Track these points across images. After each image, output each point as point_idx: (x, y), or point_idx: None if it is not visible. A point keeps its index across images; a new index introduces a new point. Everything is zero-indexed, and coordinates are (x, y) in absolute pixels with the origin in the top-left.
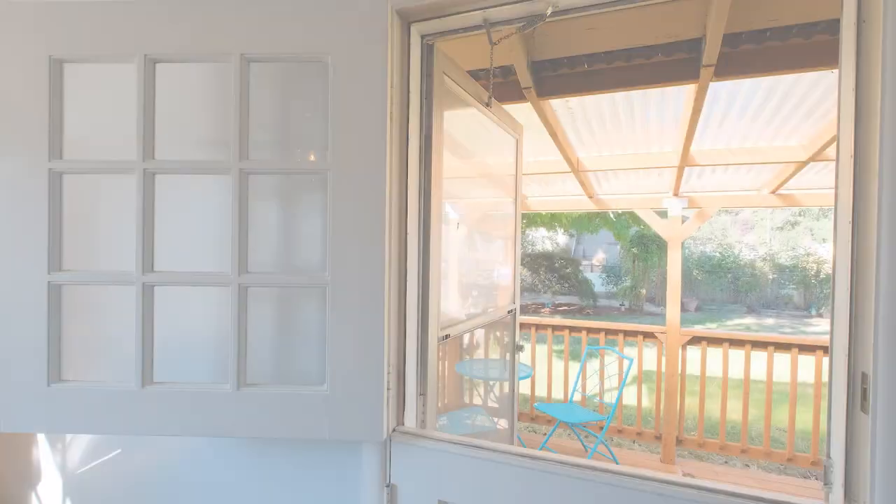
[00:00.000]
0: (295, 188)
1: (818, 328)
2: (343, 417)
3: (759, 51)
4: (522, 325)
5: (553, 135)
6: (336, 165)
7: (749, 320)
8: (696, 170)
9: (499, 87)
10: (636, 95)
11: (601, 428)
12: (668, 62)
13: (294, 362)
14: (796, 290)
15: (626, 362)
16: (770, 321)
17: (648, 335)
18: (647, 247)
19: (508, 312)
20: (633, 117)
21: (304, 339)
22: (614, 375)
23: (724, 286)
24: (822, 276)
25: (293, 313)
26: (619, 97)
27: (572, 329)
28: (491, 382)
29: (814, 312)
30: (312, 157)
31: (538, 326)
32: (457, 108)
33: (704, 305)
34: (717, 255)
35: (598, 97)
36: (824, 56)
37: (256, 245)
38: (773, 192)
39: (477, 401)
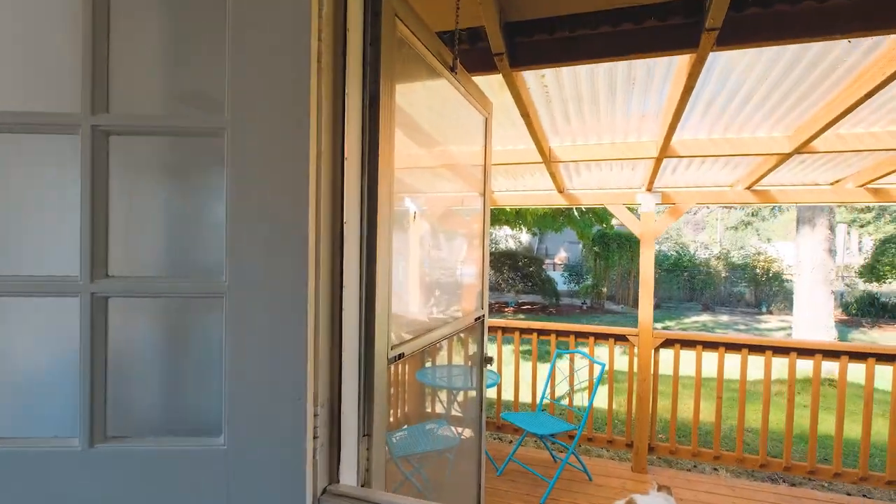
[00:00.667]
0: (185, 159)
1: (769, 325)
2: (248, 482)
3: (768, 15)
4: (489, 329)
5: (525, 116)
6: (236, 123)
7: (705, 317)
8: (670, 164)
9: (465, 55)
10: (620, 73)
11: (571, 437)
12: (662, 27)
13: (182, 404)
14: (748, 287)
15: (597, 367)
16: (724, 318)
17: (620, 338)
18: (608, 245)
19: (476, 320)
20: (614, 100)
21: (198, 369)
22: (585, 381)
23: (680, 284)
24: (770, 274)
25: (184, 334)
26: (600, 76)
27: (541, 332)
28: (455, 391)
29: (764, 310)
30: (207, 116)
31: (504, 329)
32: (413, 68)
33: (662, 303)
34: (674, 253)
35: (578, 76)
36: (837, 22)
37: (125, 237)
38: (749, 188)
39: (440, 409)
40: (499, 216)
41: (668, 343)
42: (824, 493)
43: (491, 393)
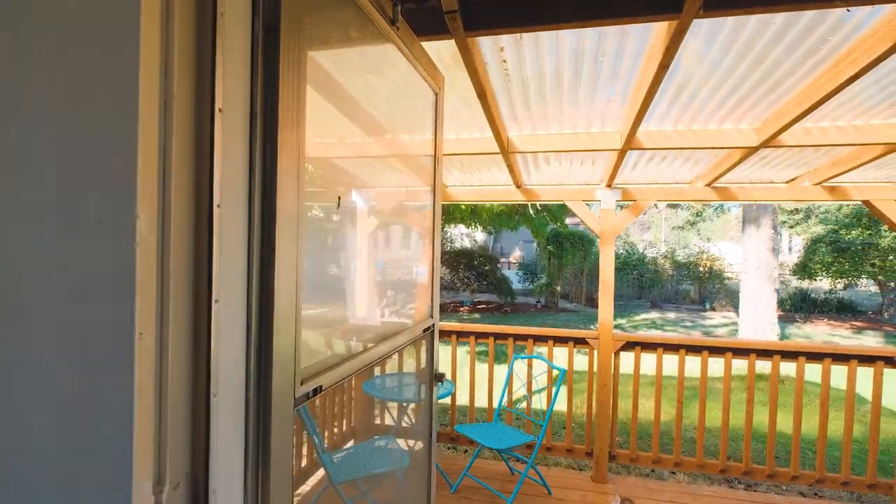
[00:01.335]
0: None
1: (713, 321)
2: None
3: None
4: (442, 333)
5: (482, 96)
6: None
7: (654, 315)
8: (630, 160)
9: (412, 16)
10: (587, 47)
11: (530, 448)
12: None
13: None
14: (692, 285)
15: (556, 373)
16: (672, 315)
17: (579, 341)
18: (562, 244)
19: (425, 331)
20: (579, 80)
21: None
22: (543, 387)
23: (630, 282)
24: (713, 272)
25: None
26: (566, 50)
27: (498, 336)
28: (405, 405)
29: (708, 307)
30: None
31: (460, 334)
32: (339, 12)
33: (613, 301)
34: (624, 252)
35: (541, 49)
36: None
37: None
38: (709, 185)
39: (390, 422)
40: (453, 213)
41: (628, 346)
42: (783, 496)
43: (447, 400)
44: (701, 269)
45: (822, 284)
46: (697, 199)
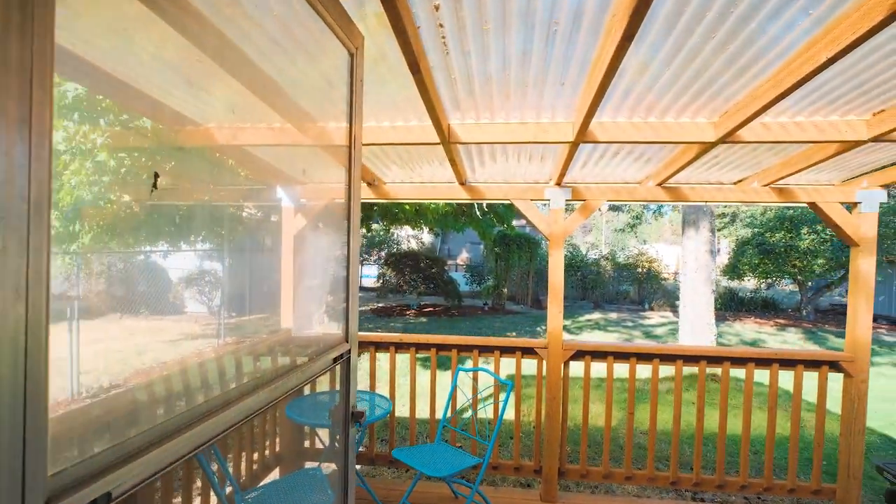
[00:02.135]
0: None
1: (652, 321)
2: None
3: None
4: (379, 346)
5: (415, 68)
6: None
7: (597, 315)
8: (580, 157)
9: None
10: (539, 11)
11: (477, 468)
12: None
13: None
14: (632, 286)
15: (503, 393)
16: (613, 315)
17: (528, 351)
18: (509, 246)
19: (336, 360)
20: (529, 56)
21: None
22: (490, 401)
23: (574, 283)
24: (651, 273)
25: None
26: (513, 13)
27: (440, 347)
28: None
29: (647, 307)
30: None
31: (398, 345)
32: None
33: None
34: (568, 254)
35: (484, 10)
36: None
37: None
38: (660, 185)
39: (319, 445)
40: (398, 214)
41: (578, 355)
42: None
43: (397, 411)
44: (640, 270)
45: (748, 284)
46: (648, 199)
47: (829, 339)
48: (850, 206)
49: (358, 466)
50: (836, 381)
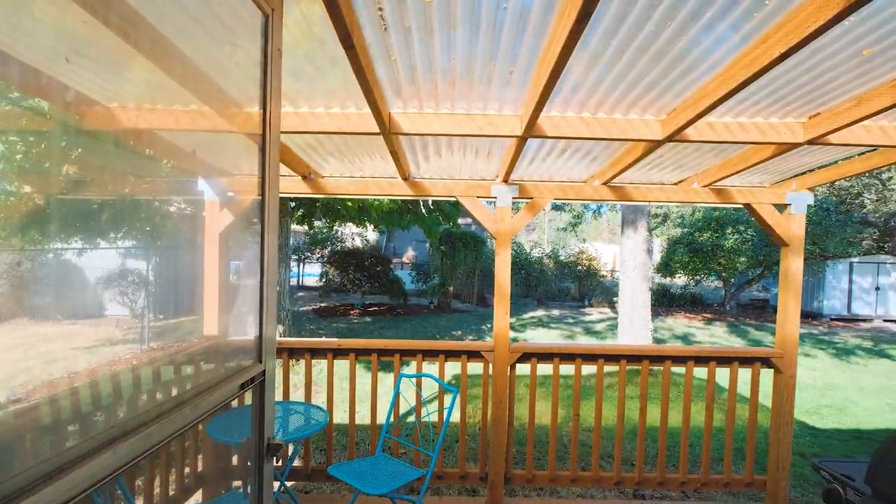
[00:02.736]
0: None
1: (592, 317)
2: None
3: None
4: (316, 352)
5: (348, 45)
6: None
7: (540, 312)
8: (527, 154)
9: None
10: None
11: (421, 480)
12: None
13: None
14: (573, 284)
15: (448, 397)
16: (556, 312)
17: (473, 355)
18: (454, 245)
19: (244, 386)
20: (476, 37)
21: None
22: (435, 411)
23: (518, 281)
24: (590, 271)
25: None
26: None
27: (382, 353)
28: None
29: (587, 303)
30: None
31: (336, 352)
32: None
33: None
34: (513, 252)
35: None
36: None
37: None
38: (605, 184)
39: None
40: (340, 211)
41: (524, 357)
42: (671, 502)
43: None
44: (580, 268)
45: (679, 281)
46: (595, 198)
47: (749, 332)
48: (781, 208)
49: (291, 483)
50: (767, 375)
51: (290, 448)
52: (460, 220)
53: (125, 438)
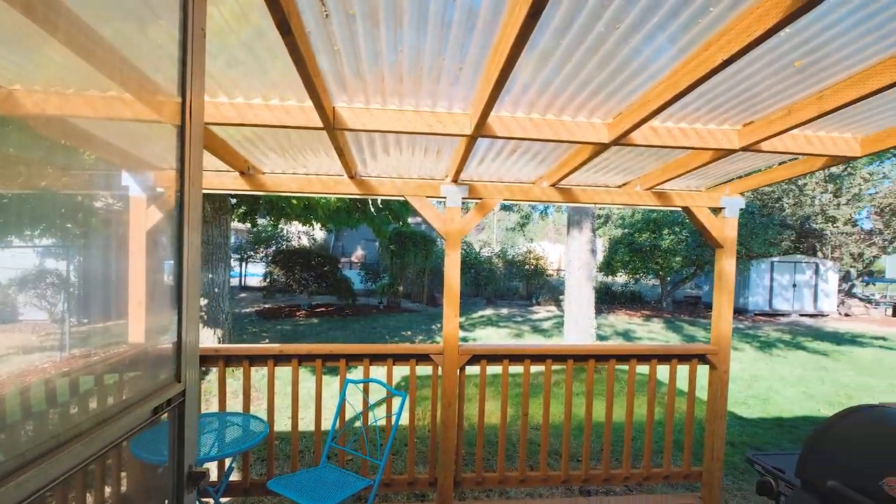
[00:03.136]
0: None
1: (539, 315)
2: None
3: None
4: (255, 359)
5: (285, 29)
6: None
7: (489, 311)
8: (477, 154)
9: None
10: None
11: (368, 490)
12: None
13: None
14: (521, 282)
15: (396, 401)
16: (505, 311)
17: (423, 358)
18: (404, 244)
19: (157, 410)
20: (425, 28)
21: None
22: (382, 418)
23: (468, 281)
24: (538, 270)
25: None
26: None
27: (327, 357)
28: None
29: (534, 302)
30: None
31: (278, 358)
32: None
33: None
34: (462, 251)
35: None
36: None
37: None
38: (553, 186)
39: None
40: (284, 209)
41: (474, 360)
42: (615, 497)
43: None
44: (528, 267)
45: (619, 279)
46: (543, 199)
47: (684, 328)
48: (716, 211)
49: (227, 500)
50: (703, 370)
51: (227, 462)
52: (410, 220)
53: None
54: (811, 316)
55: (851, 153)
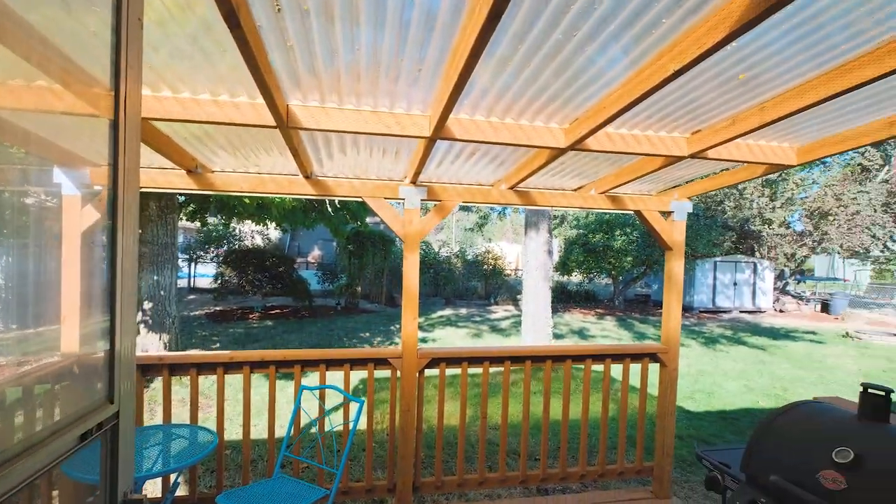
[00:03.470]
0: None
1: (498, 315)
2: None
3: None
4: (204, 367)
5: (234, 22)
6: None
7: (448, 311)
8: (436, 156)
9: None
10: None
11: (325, 499)
12: None
13: None
14: (479, 282)
15: (354, 407)
16: (464, 311)
17: (381, 362)
18: (363, 244)
19: (85, 437)
20: (382, 23)
21: None
22: (340, 425)
23: (426, 281)
24: (496, 270)
25: None
26: None
27: (281, 364)
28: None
29: (492, 301)
30: None
31: (228, 366)
32: None
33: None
34: (421, 251)
35: None
36: None
37: None
38: (511, 189)
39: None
40: (236, 208)
41: (433, 363)
42: (572, 494)
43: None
44: (486, 267)
45: (574, 279)
46: (501, 202)
47: (635, 325)
48: (666, 215)
49: None
50: (654, 368)
51: (173, 477)
52: (369, 219)
53: None
54: (750, 312)
55: (788, 162)
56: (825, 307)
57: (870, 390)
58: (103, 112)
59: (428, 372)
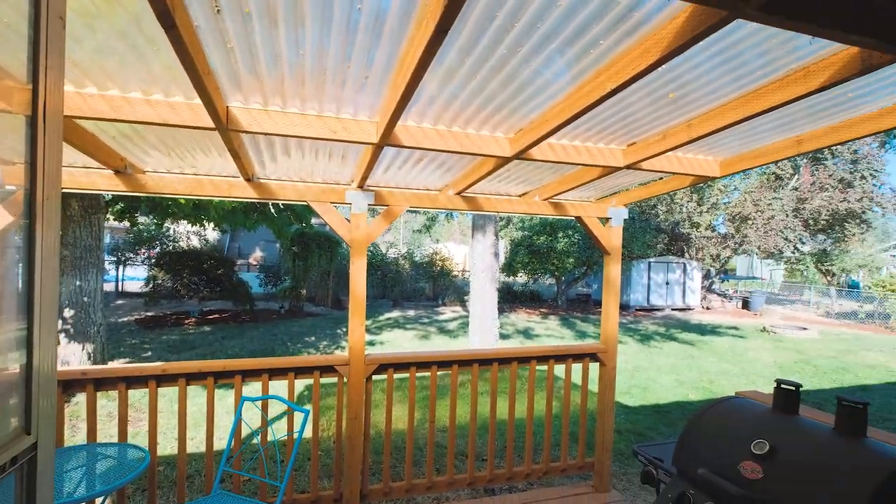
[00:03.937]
0: None
1: (445, 315)
2: None
3: None
4: (134, 381)
5: (168, 21)
6: None
7: (396, 313)
8: (384, 160)
9: None
10: None
11: None
12: None
13: None
14: (427, 283)
15: (298, 417)
16: (412, 313)
17: (327, 370)
18: (308, 245)
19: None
20: (329, 29)
21: None
22: (285, 436)
23: (374, 283)
24: (443, 271)
25: None
26: None
27: (220, 375)
28: None
29: (440, 302)
30: None
31: (161, 378)
32: None
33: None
34: (369, 253)
35: None
36: None
37: None
38: (458, 194)
39: None
40: (170, 208)
41: (381, 369)
42: (518, 493)
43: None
44: (434, 268)
45: (520, 279)
46: (448, 207)
47: (577, 324)
48: (604, 221)
49: None
50: (594, 367)
51: (98, 501)
52: (314, 220)
53: None
54: (681, 310)
55: (713, 173)
56: (745, 304)
57: (782, 385)
58: (21, 109)
59: (376, 377)
